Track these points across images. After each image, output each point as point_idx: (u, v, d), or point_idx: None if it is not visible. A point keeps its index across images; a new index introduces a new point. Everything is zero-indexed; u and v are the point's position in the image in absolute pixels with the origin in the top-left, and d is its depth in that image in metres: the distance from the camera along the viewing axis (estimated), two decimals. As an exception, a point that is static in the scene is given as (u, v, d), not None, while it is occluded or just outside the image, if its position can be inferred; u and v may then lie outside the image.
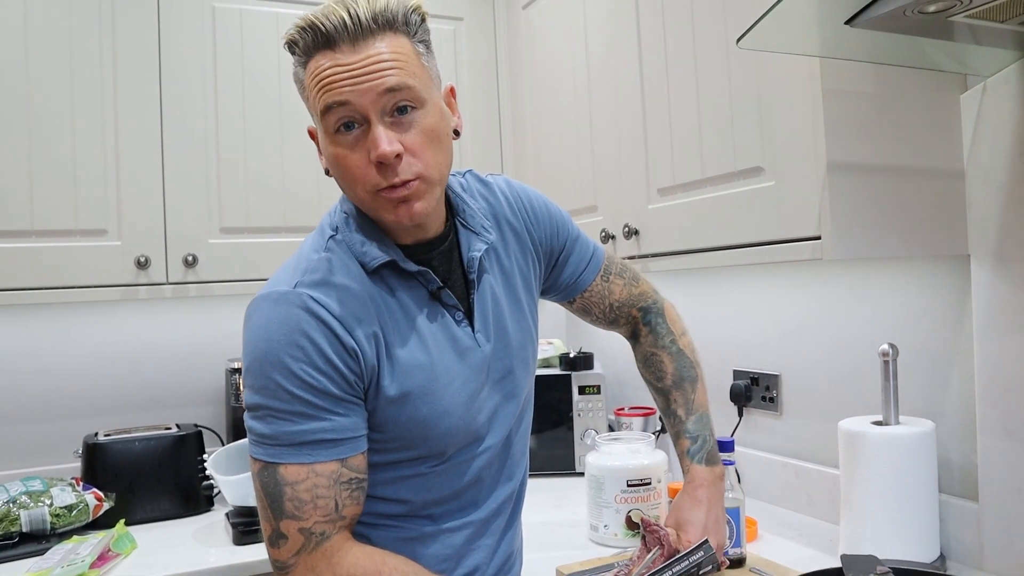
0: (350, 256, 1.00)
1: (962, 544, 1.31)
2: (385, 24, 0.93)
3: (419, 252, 1.03)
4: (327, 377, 0.94)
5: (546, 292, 1.25)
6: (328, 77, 0.92)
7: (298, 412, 0.93)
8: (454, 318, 1.04)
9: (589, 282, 1.24)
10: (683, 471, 1.22)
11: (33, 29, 1.69)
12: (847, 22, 1.00)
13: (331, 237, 1.02)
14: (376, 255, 1.00)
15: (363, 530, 1.04)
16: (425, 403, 1.00)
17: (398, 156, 0.93)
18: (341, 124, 0.94)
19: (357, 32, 0.92)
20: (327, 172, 1.00)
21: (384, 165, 0.93)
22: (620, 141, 1.66)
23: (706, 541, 1.10)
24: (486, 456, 1.09)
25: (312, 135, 1.02)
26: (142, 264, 1.76)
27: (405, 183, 0.94)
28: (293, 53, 0.97)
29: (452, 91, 1.04)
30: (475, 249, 1.06)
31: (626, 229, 1.61)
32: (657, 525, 1.14)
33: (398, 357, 0.99)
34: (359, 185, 0.95)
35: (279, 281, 0.98)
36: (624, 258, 1.65)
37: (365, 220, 1.02)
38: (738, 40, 1.04)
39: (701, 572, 1.10)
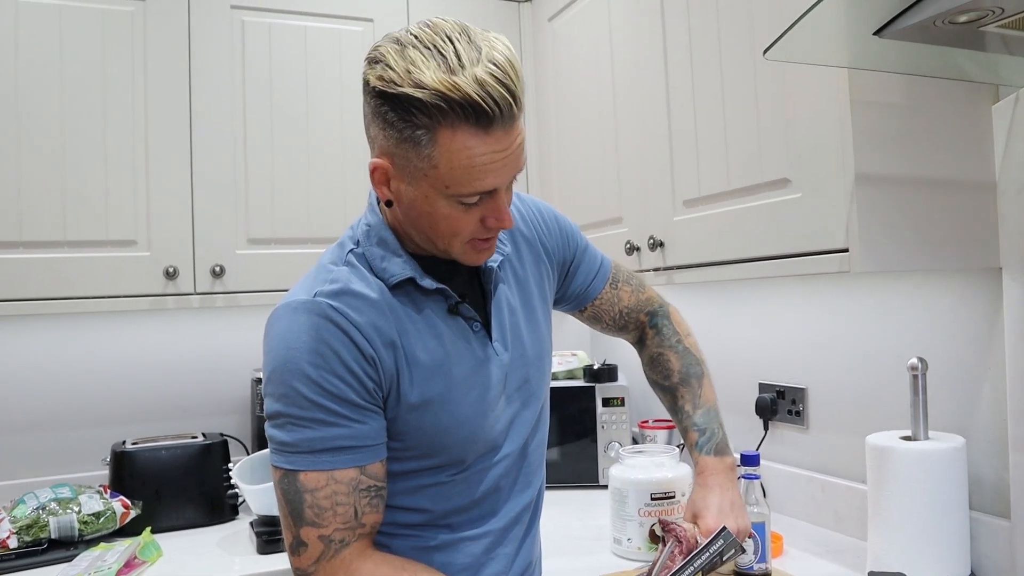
0: (368, 269, 1.02)
1: (993, 563, 1.29)
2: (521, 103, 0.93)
3: (442, 264, 1.05)
4: (346, 384, 0.95)
5: (558, 302, 1.27)
6: (483, 164, 0.91)
7: (317, 419, 0.94)
8: (472, 329, 1.06)
9: (599, 290, 1.26)
10: (693, 464, 1.22)
11: (66, 43, 1.73)
12: (876, 33, 0.99)
13: (351, 251, 1.04)
14: (395, 272, 1.01)
15: (383, 539, 1.04)
16: (445, 411, 1.01)
17: None
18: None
19: (511, 116, 0.91)
20: (388, 203, 0.99)
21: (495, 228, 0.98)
22: (645, 153, 1.66)
23: (724, 529, 1.09)
24: (504, 464, 1.09)
25: (381, 170, 0.96)
26: (170, 274, 1.79)
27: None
28: (422, 113, 0.88)
29: None
30: (491, 261, 1.08)
31: (651, 241, 1.60)
32: (674, 523, 1.13)
33: (418, 365, 1.00)
34: (458, 238, 0.98)
35: (298, 291, 0.99)
36: (650, 270, 1.64)
37: (388, 234, 1.03)
38: (765, 51, 1.04)
39: (725, 559, 1.08)
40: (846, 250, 1.17)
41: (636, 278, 1.32)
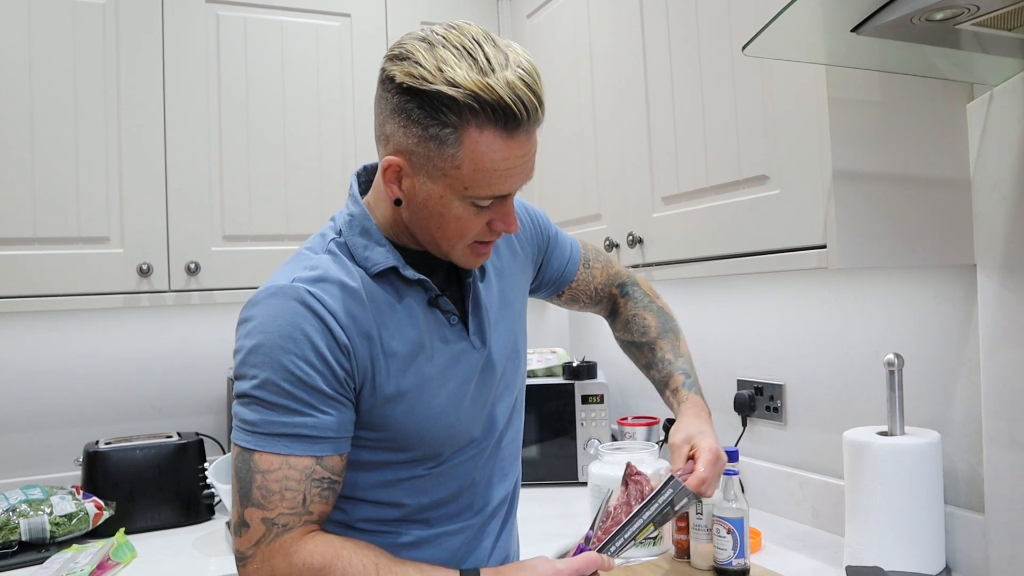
0: (350, 259, 1.02)
1: (968, 556, 1.30)
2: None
3: (423, 257, 1.05)
4: (318, 372, 0.94)
5: (536, 290, 1.29)
6: (505, 169, 0.93)
7: (282, 405, 0.94)
8: (449, 322, 1.06)
9: (574, 274, 1.30)
10: (676, 404, 1.22)
11: (36, 37, 1.69)
12: (853, 30, 1.00)
13: (332, 239, 1.03)
14: (378, 261, 1.01)
15: (359, 536, 1.03)
16: (421, 402, 1.01)
17: None
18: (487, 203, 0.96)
19: (535, 122, 0.93)
20: (397, 202, 0.99)
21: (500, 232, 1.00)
22: (624, 150, 1.66)
23: (672, 477, 1.07)
24: (479, 458, 1.10)
25: (395, 167, 0.95)
26: (144, 272, 1.76)
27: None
28: (451, 112, 0.89)
29: None
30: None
31: (630, 238, 1.60)
32: (639, 472, 1.11)
33: (395, 356, 1.00)
34: (462, 240, 0.99)
35: (278, 277, 0.99)
36: (628, 267, 1.64)
37: (371, 224, 1.03)
38: (744, 47, 1.04)
39: (678, 508, 1.05)
40: (824, 246, 1.17)
41: (603, 254, 1.36)
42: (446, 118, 0.89)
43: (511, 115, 0.90)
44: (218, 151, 1.85)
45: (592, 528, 1.11)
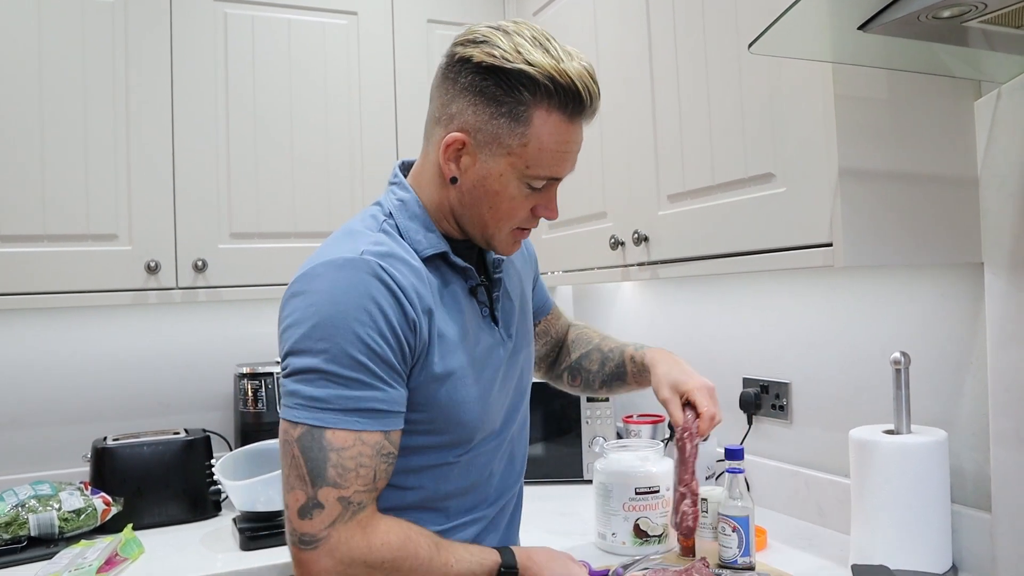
0: (401, 241, 1.04)
1: (975, 555, 1.30)
2: None
3: (463, 248, 1.10)
4: (389, 346, 0.96)
5: None
6: (564, 151, 1.01)
7: (356, 379, 0.94)
8: (482, 314, 1.11)
9: (551, 306, 1.41)
10: (640, 359, 1.28)
11: (46, 36, 1.70)
12: (860, 27, 1.00)
13: (384, 220, 1.06)
14: (429, 245, 1.05)
15: None
16: (464, 385, 1.04)
17: None
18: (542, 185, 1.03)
19: (593, 112, 1.02)
20: (453, 180, 1.03)
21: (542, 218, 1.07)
22: (630, 147, 1.65)
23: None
24: (500, 449, 1.13)
25: (459, 144, 1.01)
26: (152, 269, 1.77)
27: None
28: (525, 89, 0.96)
29: None
30: (498, 256, 1.16)
31: (636, 236, 1.60)
32: (685, 425, 1.17)
33: (444, 337, 1.03)
34: (510, 222, 1.05)
35: (338, 251, 0.98)
36: (634, 265, 1.65)
37: (420, 210, 1.07)
38: (750, 45, 1.04)
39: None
40: (830, 244, 1.17)
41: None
42: (521, 96, 0.97)
43: (579, 100, 0.98)
44: (225, 149, 1.86)
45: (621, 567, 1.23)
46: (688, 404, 1.17)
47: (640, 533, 1.46)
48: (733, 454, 1.33)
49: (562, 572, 1.07)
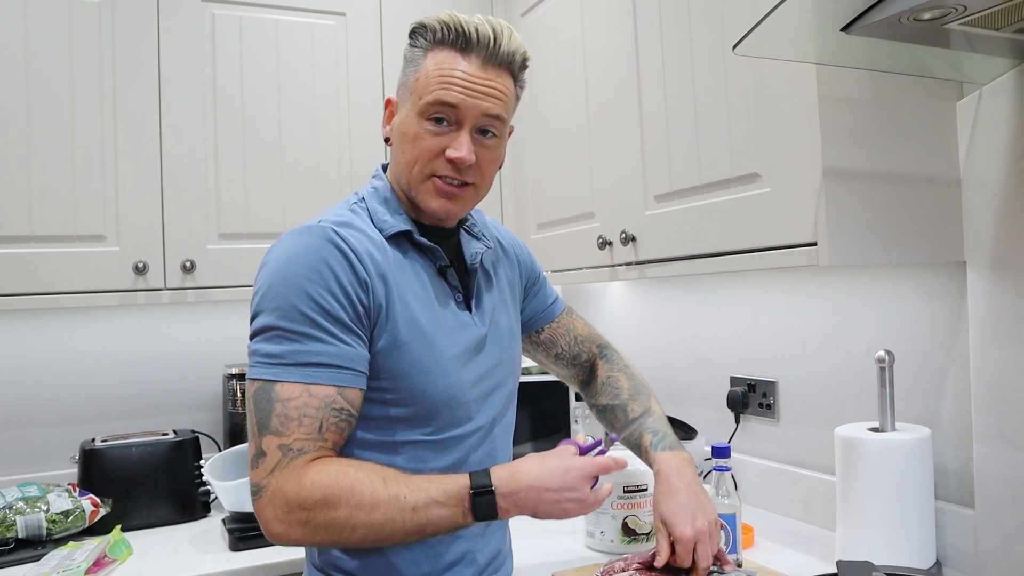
0: (369, 221, 1.11)
1: (958, 551, 1.31)
2: (509, 65, 1.10)
3: (434, 234, 1.14)
4: (339, 302, 1.00)
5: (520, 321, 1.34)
6: (454, 78, 1.06)
7: (306, 333, 0.99)
8: (455, 298, 1.14)
9: (557, 313, 1.38)
10: (651, 466, 1.24)
11: (32, 35, 1.70)
12: (843, 29, 1.01)
13: (355, 203, 1.14)
14: (394, 223, 1.11)
15: None
16: (428, 355, 1.06)
17: (469, 165, 1.08)
18: (436, 116, 1.06)
19: (492, 56, 1.07)
20: (387, 140, 1.14)
21: (455, 164, 1.07)
22: (617, 147, 1.66)
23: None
24: (474, 439, 1.13)
25: (390, 103, 1.14)
26: (140, 270, 1.76)
27: (462, 184, 1.09)
28: (421, 37, 1.08)
29: (511, 132, 1.18)
30: (476, 248, 1.19)
31: (623, 236, 1.61)
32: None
33: (408, 306, 1.06)
34: (420, 164, 1.08)
35: (306, 223, 1.08)
36: (622, 264, 1.65)
37: (391, 196, 1.14)
38: (734, 47, 1.05)
39: None
40: (814, 244, 1.18)
41: (585, 319, 1.45)
42: (419, 42, 1.09)
43: (463, 35, 1.05)
44: (214, 149, 1.86)
45: (613, 435, 1.16)
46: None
47: (628, 531, 1.47)
48: (720, 452, 1.34)
49: (561, 469, 1.03)
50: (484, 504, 0.99)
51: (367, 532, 0.97)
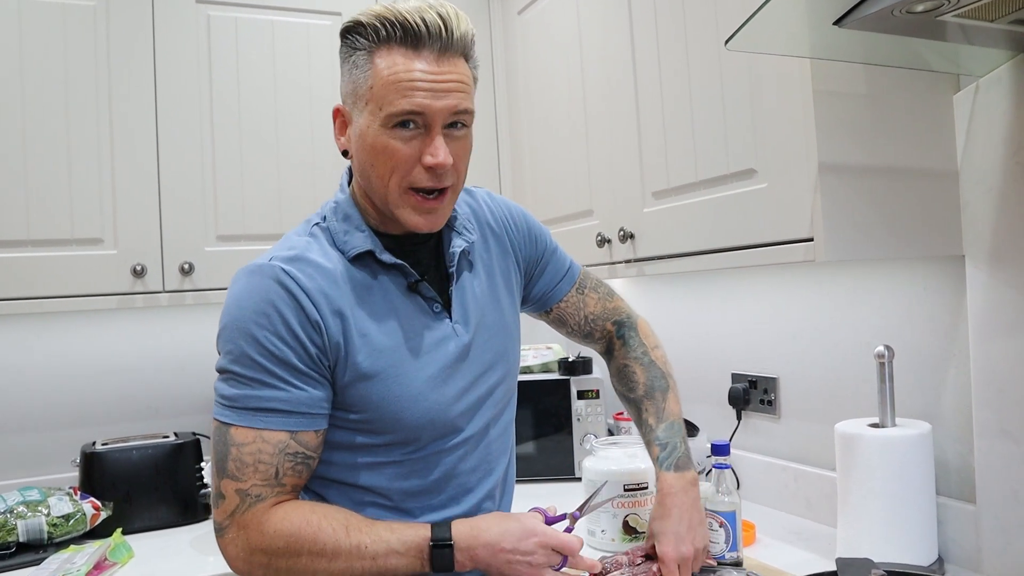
0: (330, 242, 1.06)
1: (960, 547, 1.30)
2: (462, 48, 1.01)
3: (407, 243, 1.08)
4: (289, 347, 0.98)
5: (524, 302, 1.29)
6: (412, 81, 0.97)
7: (256, 379, 0.98)
8: (432, 309, 1.09)
9: (564, 293, 1.30)
10: (656, 479, 1.22)
11: (28, 39, 1.70)
12: (836, 23, 1.00)
13: (316, 224, 1.08)
14: (355, 244, 1.05)
15: None
16: (398, 384, 1.03)
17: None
18: (401, 121, 0.98)
19: (447, 46, 0.98)
20: (345, 153, 1.06)
21: (433, 170, 1.00)
22: (615, 145, 1.66)
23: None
24: (463, 449, 1.11)
25: (339, 113, 1.05)
26: (138, 273, 1.76)
27: (439, 194, 1.02)
28: (361, 37, 0.99)
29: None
30: (455, 246, 1.11)
31: (621, 233, 1.61)
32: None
33: (370, 337, 1.03)
34: (396, 176, 1.00)
35: (258, 258, 1.04)
36: (621, 262, 1.65)
37: (353, 211, 1.08)
38: (727, 41, 1.04)
39: None
40: (811, 239, 1.18)
41: (605, 286, 1.35)
42: (359, 43, 0.99)
43: (410, 31, 0.96)
44: (211, 151, 1.86)
45: (576, 512, 1.16)
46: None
47: (629, 530, 1.47)
48: (719, 449, 1.33)
49: (519, 532, 1.02)
50: (442, 557, 0.99)
51: None
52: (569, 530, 1.12)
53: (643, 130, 1.56)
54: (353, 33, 1.00)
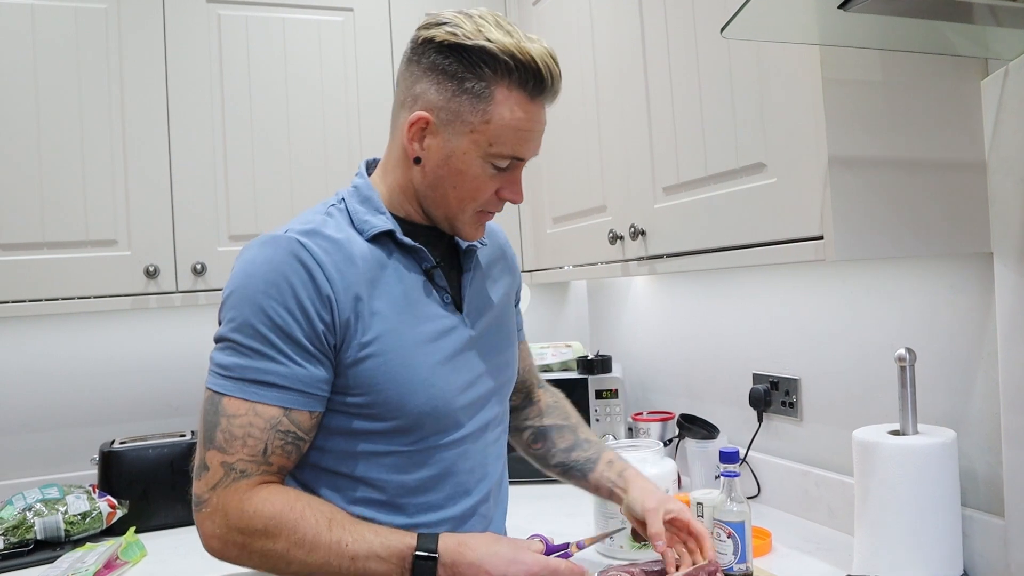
0: (348, 222, 1.05)
1: (987, 562, 1.22)
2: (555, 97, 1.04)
3: (428, 233, 1.09)
4: (296, 321, 0.96)
5: None
6: (529, 131, 1.01)
7: (257, 350, 0.96)
8: (442, 299, 1.08)
9: (521, 338, 1.31)
10: (618, 473, 1.24)
11: (40, 41, 1.71)
12: (840, 7, 0.93)
13: (333, 204, 1.07)
14: (376, 224, 1.04)
15: None
16: (404, 367, 1.01)
17: None
18: (503, 162, 1.02)
19: (554, 93, 1.03)
20: (417, 160, 1.03)
21: (506, 201, 1.06)
22: (626, 138, 1.60)
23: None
24: (462, 447, 1.09)
25: (424, 121, 1.01)
26: (151, 273, 1.77)
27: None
28: (485, 66, 0.97)
29: None
30: (470, 245, 1.13)
31: (632, 230, 1.55)
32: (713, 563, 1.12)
33: (381, 316, 1.01)
34: (474, 202, 1.04)
35: (275, 230, 1.02)
36: (633, 260, 1.60)
37: (372, 194, 1.07)
38: (722, 29, 0.98)
39: None
40: (821, 237, 1.11)
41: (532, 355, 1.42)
42: (482, 72, 0.97)
43: (539, 78, 0.98)
44: (222, 151, 1.85)
45: (581, 541, 1.12)
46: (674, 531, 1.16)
47: (638, 537, 1.42)
48: (728, 457, 1.27)
49: (508, 557, 0.97)
50: (424, 568, 0.95)
51: (301, 569, 0.95)
52: (567, 556, 1.08)
53: (653, 123, 1.50)
54: (472, 54, 0.97)
